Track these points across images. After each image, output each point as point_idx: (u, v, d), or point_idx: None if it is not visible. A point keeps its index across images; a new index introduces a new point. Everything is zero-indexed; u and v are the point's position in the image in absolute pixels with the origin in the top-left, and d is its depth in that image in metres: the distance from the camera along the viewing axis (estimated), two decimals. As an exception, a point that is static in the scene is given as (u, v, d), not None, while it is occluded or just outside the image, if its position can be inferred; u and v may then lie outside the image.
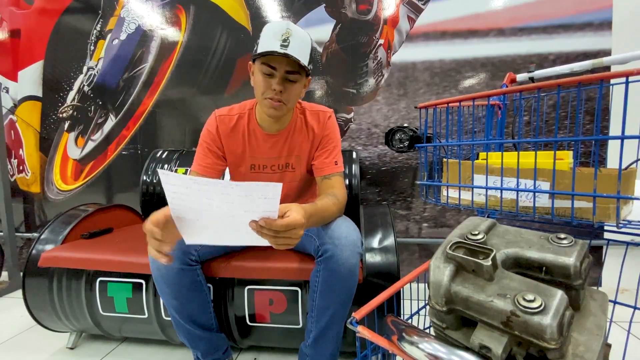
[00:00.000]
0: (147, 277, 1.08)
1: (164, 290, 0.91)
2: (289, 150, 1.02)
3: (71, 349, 1.23)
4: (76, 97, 1.90)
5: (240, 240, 0.70)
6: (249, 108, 1.02)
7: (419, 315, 0.79)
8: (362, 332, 0.58)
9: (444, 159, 0.81)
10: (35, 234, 1.98)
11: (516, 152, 0.64)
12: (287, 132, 1.01)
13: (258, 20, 1.70)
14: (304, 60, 0.86)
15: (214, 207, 0.61)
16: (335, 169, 0.99)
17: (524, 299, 0.41)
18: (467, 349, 0.46)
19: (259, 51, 0.85)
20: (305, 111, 1.03)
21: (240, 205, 0.60)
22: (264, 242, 0.68)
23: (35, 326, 1.37)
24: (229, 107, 1.03)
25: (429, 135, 0.87)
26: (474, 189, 0.72)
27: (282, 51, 0.82)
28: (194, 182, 0.58)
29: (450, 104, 0.73)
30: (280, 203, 0.68)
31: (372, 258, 0.99)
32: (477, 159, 0.78)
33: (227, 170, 1.08)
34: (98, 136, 1.90)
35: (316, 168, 1.01)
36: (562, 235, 0.51)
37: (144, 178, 1.57)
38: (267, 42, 0.84)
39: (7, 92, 1.96)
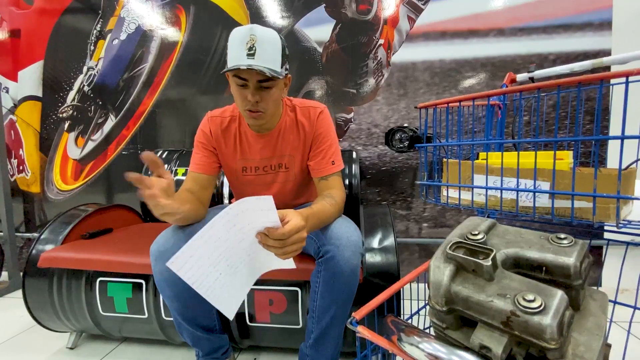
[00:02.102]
0: (147, 277, 1.08)
1: (166, 293, 0.90)
2: (281, 149, 1.00)
3: (71, 349, 1.23)
4: (76, 97, 1.90)
5: (254, 270, 0.72)
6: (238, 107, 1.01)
7: (419, 315, 0.79)
8: (362, 332, 0.58)
9: (444, 159, 0.81)
10: (35, 234, 1.98)
11: (516, 152, 0.64)
12: (277, 131, 0.99)
13: (258, 20, 1.70)
14: (274, 65, 0.82)
15: (226, 245, 0.63)
16: (332, 169, 0.98)
17: (524, 299, 0.41)
18: (467, 349, 0.46)
19: (227, 64, 0.83)
20: (296, 108, 1.01)
21: (243, 221, 0.61)
22: (284, 263, 0.70)
23: (35, 326, 1.37)
24: (222, 109, 1.02)
25: (429, 135, 0.87)
26: (474, 189, 0.72)
27: (247, 63, 0.79)
28: (199, 239, 0.59)
29: (450, 104, 0.73)
30: (277, 204, 0.69)
31: (372, 258, 0.99)
32: (477, 159, 0.78)
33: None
34: (98, 136, 1.90)
35: (313, 169, 0.99)
36: (562, 235, 0.51)
37: (144, 178, 1.57)
38: (233, 52, 0.81)
39: (7, 92, 1.96)
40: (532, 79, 0.94)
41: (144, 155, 0.66)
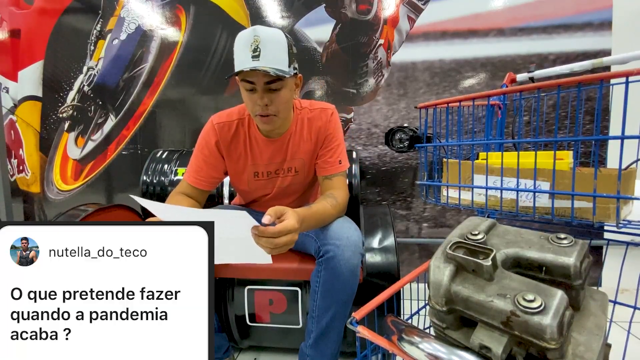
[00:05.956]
0: (147, 277, 1.08)
1: None
2: (292, 154, 0.99)
3: (71, 349, 1.23)
4: (76, 97, 1.90)
5: (239, 256, 0.73)
6: (249, 112, 0.98)
7: (419, 315, 0.79)
8: (362, 332, 0.58)
9: (444, 159, 0.81)
10: (35, 234, 1.97)
11: (516, 152, 0.64)
12: (289, 135, 0.97)
13: (258, 20, 1.70)
14: (280, 64, 0.80)
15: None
16: (338, 168, 0.98)
17: (524, 299, 0.41)
18: (467, 349, 0.46)
19: (235, 69, 0.82)
20: (306, 110, 1.00)
21: (221, 225, 0.62)
22: (261, 258, 0.69)
23: (35, 326, 1.37)
24: (227, 112, 0.98)
25: (429, 135, 0.87)
26: (474, 189, 0.72)
27: (252, 65, 0.77)
28: (167, 208, 0.63)
29: (450, 104, 0.73)
30: (282, 204, 0.68)
31: (372, 258, 0.99)
32: (477, 159, 0.78)
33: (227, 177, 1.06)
34: (98, 136, 1.90)
35: (319, 167, 0.99)
36: (562, 235, 0.51)
37: (144, 178, 1.57)
38: (239, 56, 0.81)
39: (7, 92, 1.96)
40: (532, 79, 0.94)
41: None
